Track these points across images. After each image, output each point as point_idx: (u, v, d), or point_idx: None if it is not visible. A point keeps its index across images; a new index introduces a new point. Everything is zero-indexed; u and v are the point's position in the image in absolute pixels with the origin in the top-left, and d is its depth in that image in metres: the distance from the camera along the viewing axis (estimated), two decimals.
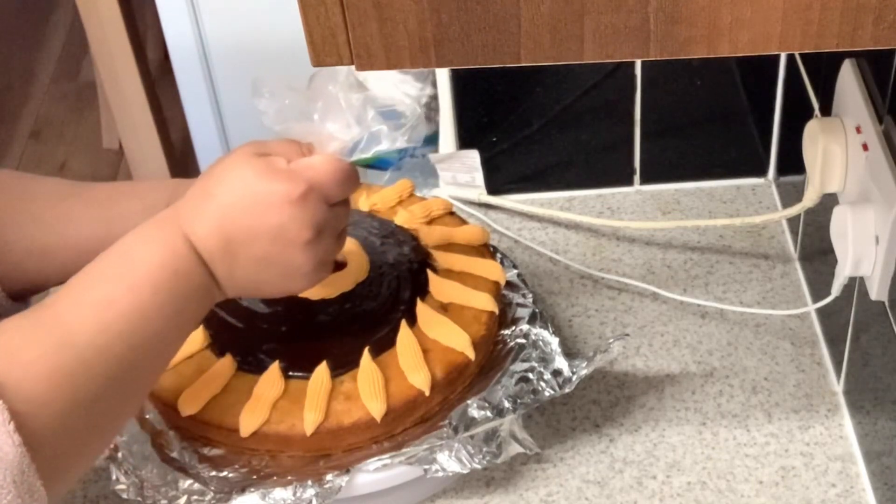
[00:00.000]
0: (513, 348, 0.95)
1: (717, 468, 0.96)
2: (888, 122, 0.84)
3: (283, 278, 0.81)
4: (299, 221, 0.78)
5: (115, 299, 0.74)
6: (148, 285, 0.75)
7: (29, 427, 0.68)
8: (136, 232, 0.79)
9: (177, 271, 0.77)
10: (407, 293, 0.95)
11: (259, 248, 0.78)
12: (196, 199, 0.79)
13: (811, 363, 1.03)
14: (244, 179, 0.78)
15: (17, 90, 2.80)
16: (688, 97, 1.17)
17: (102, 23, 1.94)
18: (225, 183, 0.78)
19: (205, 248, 0.77)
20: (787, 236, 1.15)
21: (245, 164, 0.79)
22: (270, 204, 0.77)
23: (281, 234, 0.78)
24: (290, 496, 0.86)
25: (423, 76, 1.25)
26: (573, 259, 1.15)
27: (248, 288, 0.82)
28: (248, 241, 0.78)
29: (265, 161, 0.79)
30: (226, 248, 0.78)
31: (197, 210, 0.78)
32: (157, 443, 0.90)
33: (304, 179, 0.78)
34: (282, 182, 0.78)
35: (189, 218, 0.78)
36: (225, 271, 0.79)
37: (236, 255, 0.78)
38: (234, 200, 0.78)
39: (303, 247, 0.79)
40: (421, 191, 1.14)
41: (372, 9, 0.57)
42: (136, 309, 0.75)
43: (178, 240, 0.77)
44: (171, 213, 0.79)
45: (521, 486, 0.95)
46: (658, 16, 0.57)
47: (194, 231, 0.77)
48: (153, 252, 0.77)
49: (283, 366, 0.90)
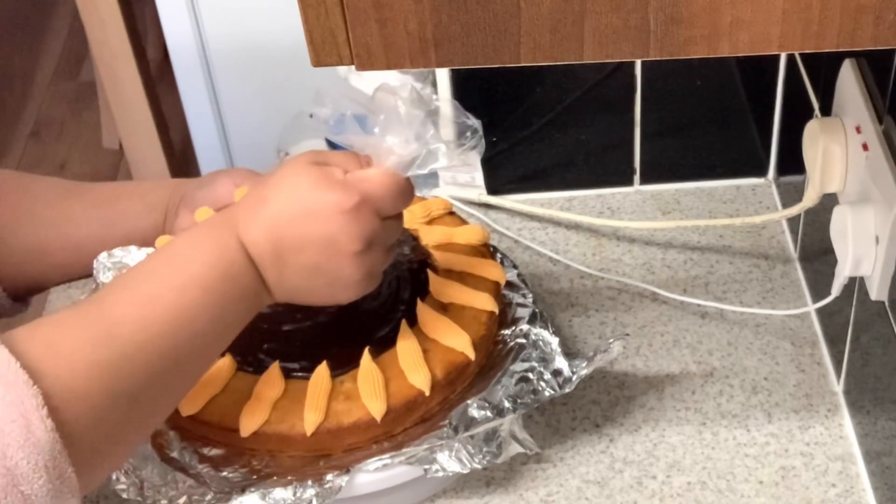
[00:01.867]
0: (513, 348, 0.95)
1: (717, 468, 0.96)
2: (888, 122, 0.84)
3: (331, 287, 0.81)
4: (349, 233, 0.78)
5: (161, 296, 0.75)
6: (196, 285, 0.76)
7: (65, 415, 0.69)
8: (189, 232, 0.80)
9: (227, 273, 0.77)
10: (407, 293, 0.95)
11: (309, 256, 0.79)
12: (251, 204, 0.79)
13: (811, 363, 1.03)
14: (299, 187, 0.78)
15: (17, 90, 2.80)
16: (688, 97, 1.17)
17: (102, 23, 1.94)
18: (280, 190, 0.79)
19: (256, 252, 0.78)
20: (787, 236, 1.15)
21: (301, 172, 0.79)
22: (322, 213, 0.78)
23: (331, 243, 0.78)
24: (290, 496, 0.86)
25: (423, 76, 1.25)
26: (573, 259, 1.15)
27: (297, 294, 0.82)
28: (299, 248, 0.78)
29: (321, 170, 0.79)
30: (276, 254, 0.78)
31: (251, 214, 0.78)
32: (158, 443, 0.90)
33: (358, 191, 0.78)
34: (336, 192, 0.78)
35: (243, 221, 0.78)
36: (275, 276, 0.79)
37: (286, 261, 0.78)
38: (287, 207, 0.78)
39: (352, 258, 0.79)
40: (421, 191, 1.14)
41: (372, 9, 0.57)
42: (181, 307, 0.75)
43: (231, 242, 0.78)
44: (224, 217, 0.80)
45: (521, 486, 0.95)
46: (658, 16, 0.57)
47: (247, 234, 0.78)
48: (204, 252, 0.77)
49: (283, 366, 0.90)
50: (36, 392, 0.67)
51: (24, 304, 1.00)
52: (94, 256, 1.02)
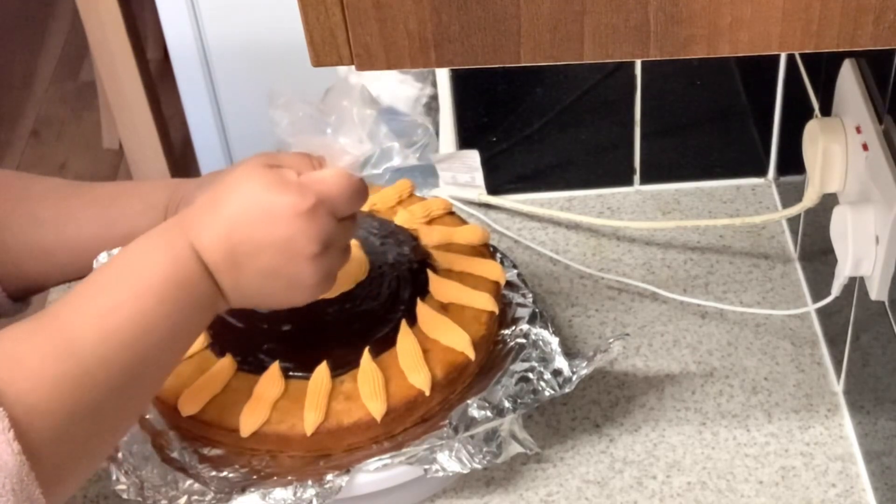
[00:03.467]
0: (513, 348, 0.95)
1: (717, 468, 0.96)
2: (888, 122, 0.84)
3: (288, 290, 0.80)
4: (306, 235, 0.77)
5: (118, 308, 0.74)
6: (152, 294, 0.75)
7: (30, 435, 0.68)
8: (141, 240, 0.78)
9: (182, 281, 0.76)
10: (407, 293, 0.95)
11: (265, 260, 0.78)
12: (203, 208, 0.78)
13: (811, 363, 1.03)
14: (253, 190, 0.77)
15: (17, 90, 2.80)
16: (688, 97, 1.17)
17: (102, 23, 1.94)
18: (233, 193, 0.78)
19: (210, 258, 0.77)
20: (787, 236, 1.15)
21: (254, 175, 0.78)
22: (278, 216, 0.77)
23: (288, 246, 0.77)
24: (291, 496, 0.86)
25: (423, 76, 1.25)
26: (573, 259, 1.15)
27: (253, 299, 0.81)
28: (255, 252, 0.77)
29: (275, 173, 0.78)
30: (231, 259, 0.77)
31: (204, 220, 0.77)
32: (158, 443, 0.90)
33: (313, 192, 0.78)
34: (291, 194, 0.77)
35: (196, 227, 0.77)
36: (230, 282, 0.78)
37: (242, 266, 0.78)
38: (241, 211, 0.77)
39: (309, 260, 0.78)
40: (421, 191, 1.14)
41: (372, 9, 0.57)
42: (139, 318, 0.74)
43: (185, 249, 0.77)
44: (177, 222, 0.79)
45: (521, 486, 0.95)
46: (658, 16, 0.57)
47: (200, 240, 0.77)
48: (158, 261, 0.76)
49: (283, 366, 0.90)
50: (2, 415, 0.67)
51: (25, 304, 1.00)
52: (94, 256, 1.02)
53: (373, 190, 1.07)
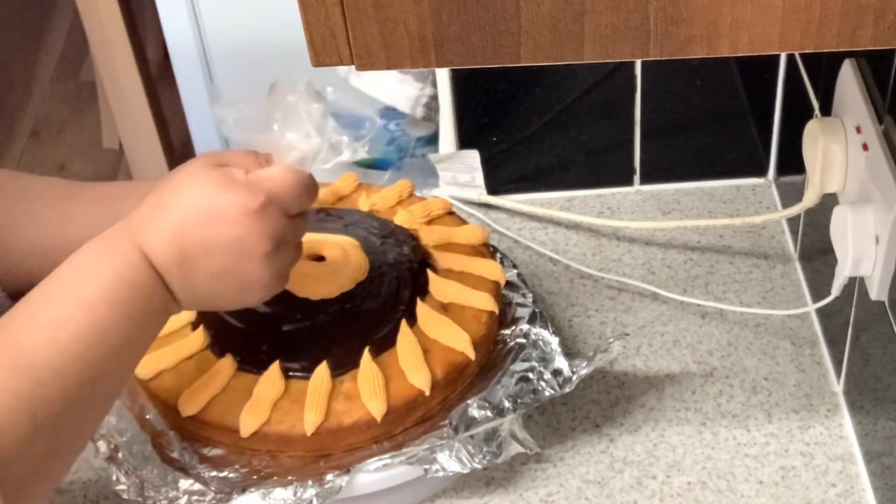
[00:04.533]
0: (513, 348, 0.95)
1: (717, 468, 0.96)
2: (888, 122, 0.84)
3: (240, 291, 0.79)
4: (257, 234, 0.76)
5: (70, 319, 0.72)
6: (103, 303, 0.73)
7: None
8: (89, 247, 0.77)
9: (133, 286, 0.75)
10: (407, 293, 0.95)
11: (216, 261, 0.76)
12: (151, 211, 0.77)
13: (811, 363, 1.03)
14: (200, 191, 0.76)
15: (17, 90, 2.80)
16: (688, 97, 1.17)
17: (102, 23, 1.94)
18: (181, 195, 0.76)
19: (160, 261, 0.76)
20: (787, 236, 1.15)
21: (201, 175, 0.76)
22: (227, 216, 0.75)
23: (238, 246, 0.76)
24: (291, 496, 0.86)
25: (423, 76, 1.25)
26: (573, 259, 1.15)
27: (205, 301, 0.80)
28: (205, 253, 0.76)
29: (222, 172, 0.77)
30: (182, 262, 0.76)
31: (152, 222, 0.76)
32: (158, 443, 0.90)
33: (262, 191, 0.76)
34: (239, 194, 0.76)
35: (144, 230, 0.76)
36: (181, 284, 0.77)
37: (192, 269, 0.76)
38: (190, 213, 0.76)
39: (261, 259, 0.77)
40: (421, 191, 1.14)
41: (372, 9, 0.57)
42: (92, 327, 0.73)
43: (133, 253, 0.75)
44: (124, 226, 0.77)
45: (521, 486, 0.95)
46: (658, 16, 0.57)
47: (149, 244, 0.75)
48: (108, 267, 0.75)
49: (283, 366, 0.90)
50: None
51: None
52: None
53: (373, 190, 1.07)
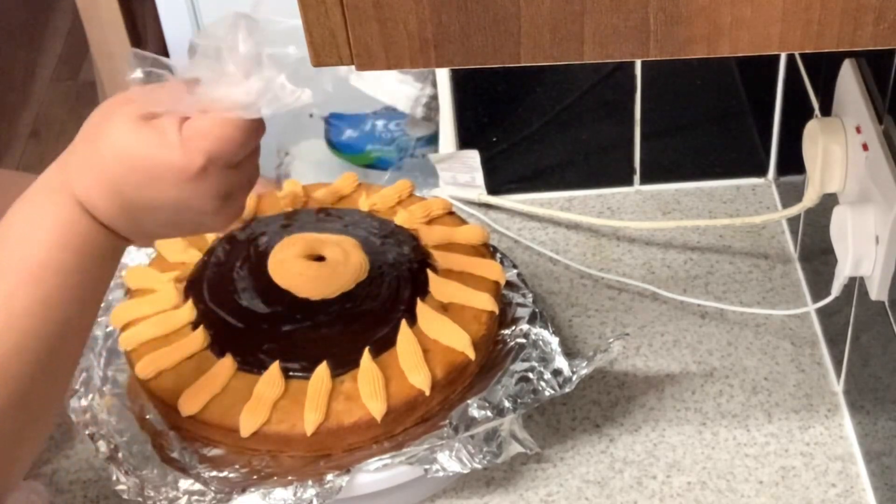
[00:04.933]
0: (513, 348, 0.95)
1: (717, 468, 0.96)
2: (888, 122, 0.84)
3: (197, 226, 0.76)
4: (201, 194, 0.72)
5: (16, 292, 0.70)
6: (52, 271, 0.70)
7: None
8: (24, 209, 0.72)
9: (80, 246, 0.72)
10: (407, 293, 0.95)
11: (163, 216, 0.73)
12: (85, 164, 0.72)
13: (811, 363, 1.03)
14: (135, 150, 0.70)
15: (17, 90, 2.80)
16: (688, 97, 1.17)
17: (102, 23, 1.94)
18: (114, 150, 0.71)
19: (104, 214, 0.72)
20: (787, 236, 1.15)
21: (132, 131, 0.70)
22: (167, 179, 0.70)
23: (184, 205, 0.72)
24: (291, 496, 0.86)
25: (423, 76, 1.25)
26: (573, 259, 1.15)
27: (160, 236, 0.78)
28: (150, 209, 0.72)
29: (154, 131, 0.70)
30: (127, 215, 0.72)
31: (89, 176, 0.71)
32: (158, 443, 0.90)
33: (200, 152, 0.70)
34: (176, 157, 0.70)
35: (81, 185, 0.71)
36: (130, 229, 0.74)
37: (140, 220, 0.73)
38: (126, 172, 0.71)
39: (211, 212, 0.73)
40: (421, 191, 1.14)
41: (372, 9, 0.57)
42: (42, 298, 0.70)
43: (74, 211, 0.71)
44: (58, 178, 0.72)
45: (521, 486, 0.95)
46: (658, 16, 0.57)
47: (89, 199, 0.71)
48: (49, 230, 0.71)
49: (283, 366, 0.90)
50: None
51: None
52: None
53: (373, 190, 1.07)
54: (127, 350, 0.94)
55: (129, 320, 0.95)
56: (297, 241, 0.98)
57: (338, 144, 1.44)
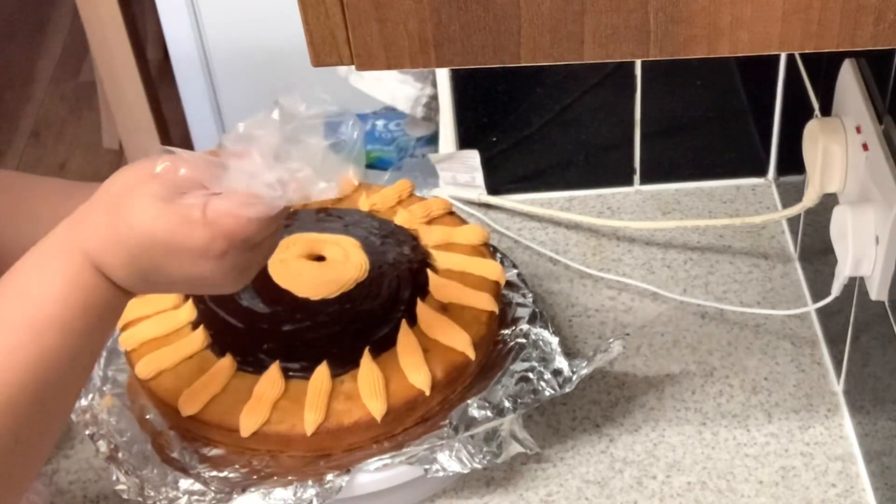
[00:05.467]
0: (513, 348, 0.95)
1: (717, 468, 0.96)
2: (888, 122, 0.84)
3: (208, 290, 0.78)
4: (222, 272, 0.73)
5: (19, 345, 0.69)
6: (55, 328, 0.70)
7: None
8: (34, 262, 0.72)
9: (86, 304, 0.71)
10: (407, 293, 0.95)
11: (179, 285, 0.74)
12: (104, 232, 0.72)
13: (811, 363, 1.03)
14: (158, 231, 0.71)
15: (17, 90, 2.80)
16: (688, 97, 1.18)
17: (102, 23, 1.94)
18: (136, 228, 0.71)
19: (118, 276, 0.72)
20: (787, 236, 1.15)
21: (157, 212, 0.71)
22: (186, 258, 0.71)
23: (202, 278, 0.73)
24: (291, 496, 0.86)
25: (423, 76, 1.25)
26: (573, 259, 1.15)
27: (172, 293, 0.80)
28: (167, 279, 0.73)
29: (177, 212, 0.71)
30: (144, 280, 0.73)
31: (106, 244, 0.71)
32: (158, 443, 0.90)
33: (223, 235, 0.71)
34: (199, 237, 0.71)
35: (97, 249, 0.71)
36: (142, 290, 0.75)
37: (155, 283, 0.74)
38: (148, 247, 0.71)
39: (230, 286, 0.75)
40: (421, 191, 1.14)
41: (372, 9, 0.57)
42: (42, 353, 0.70)
43: (85, 268, 0.71)
44: (71, 239, 0.73)
45: (521, 486, 0.95)
46: (658, 16, 0.57)
47: (104, 261, 0.71)
48: (58, 286, 0.71)
49: (283, 366, 0.90)
50: None
51: None
52: None
53: (373, 190, 1.07)
54: (127, 350, 0.94)
55: (130, 320, 0.95)
56: (298, 240, 0.98)
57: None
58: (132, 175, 0.74)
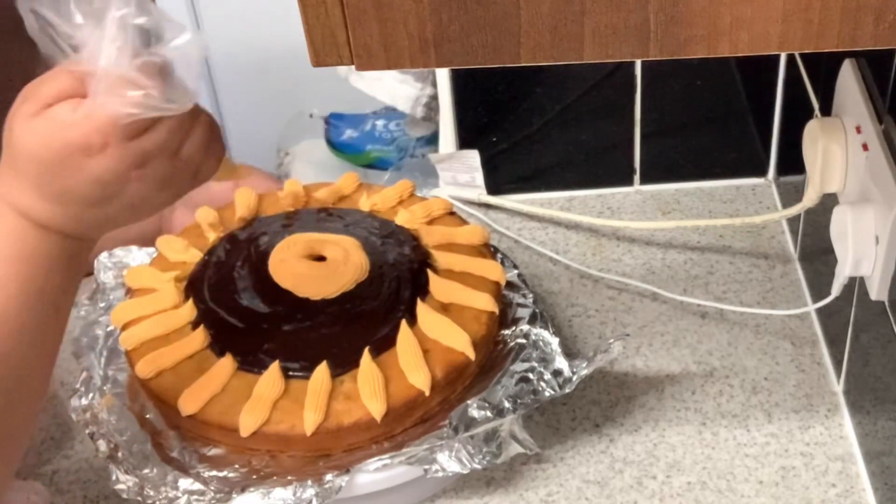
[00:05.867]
0: (513, 348, 0.95)
1: (717, 468, 0.96)
2: (888, 122, 0.84)
3: (134, 211, 0.75)
4: (112, 168, 0.71)
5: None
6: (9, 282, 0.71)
7: None
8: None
9: (29, 253, 0.72)
10: (407, 293, 0.95)
11: (92, 197, 0.73)
12: (8, 174, 0.73)
13: (811, 363, 1.03)
14: (37, 145, 0.71)
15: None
16: (688, 97, 1.18)
17: None
18: (22, 152, 0.72)
19: (41, 214, 0.72)
20: (787, 236, 1.15)
21: (30, 129, 0.72)
22: (74, 162, 0.71)
23: (101, 183, 0.72)
24: (291, 496, 0.86)
25: (423, 76, 1.25)
26: (573, 259, 1.15)
27: (107, 227, 0.76)
28: (75, 196, 0.72)
29: (48, 119, 0.71)
30: (59, 206, 0.72)
31: (14, 185, 0.72)
32: (157, 443, 0.90)
33: (95, 128, 0.70)
34: (74, 136, 0.71)
35: (12, 195, 0.72)
36: (73, 224, 0.74)
37: (73, 208, 0.73)
38: (38, 167, 0.71)
39: (134, 181, 0.73)
40: (421, 191, 1.14)
41: (372, 9, 0.57)
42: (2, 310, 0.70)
43: (16, 221, 0.72)
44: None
45: (521, 486, 0.95)
46: (658, 16, 0.57)
47: (23, 204, 0.72)
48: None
49: (283, 366, 0.90)
50: None
51: None
52: (95, 256, 1.02)
53: (373, 190, 1.07)
54: (127, 349, 0.94)
55: (130, 319, 0.95)
56: (298, 240, 0.98)
57: (338, 144, 1.45)
58: (11, 110, 0.75)
